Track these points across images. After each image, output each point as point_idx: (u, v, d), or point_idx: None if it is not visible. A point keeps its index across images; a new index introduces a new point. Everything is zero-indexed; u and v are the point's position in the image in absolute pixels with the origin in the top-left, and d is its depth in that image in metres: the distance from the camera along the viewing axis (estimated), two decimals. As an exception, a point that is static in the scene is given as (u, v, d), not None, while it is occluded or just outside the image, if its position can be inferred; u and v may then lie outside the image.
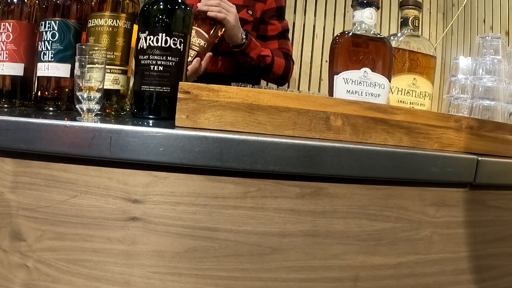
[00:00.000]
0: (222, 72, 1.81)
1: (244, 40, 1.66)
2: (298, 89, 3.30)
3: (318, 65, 3.44)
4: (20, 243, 0.84)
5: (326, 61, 3.38)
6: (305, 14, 3.44)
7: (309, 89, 3.34)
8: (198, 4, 1.52)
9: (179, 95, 0.86)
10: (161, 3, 1.00)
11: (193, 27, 1.38)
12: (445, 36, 3.34)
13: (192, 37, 1.37)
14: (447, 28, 3.18)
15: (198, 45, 1.40)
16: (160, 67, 0.98)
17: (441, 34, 3.39)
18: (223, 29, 1.54)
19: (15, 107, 1.09)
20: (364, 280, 0.91)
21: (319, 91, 3.33)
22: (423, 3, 3.10)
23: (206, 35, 1.42)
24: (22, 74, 1.09)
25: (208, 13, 1.48)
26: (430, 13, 3.48)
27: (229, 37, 1.62)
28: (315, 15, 3.42)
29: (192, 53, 1.39)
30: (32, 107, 1.11)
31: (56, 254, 0.84)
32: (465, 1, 2.92)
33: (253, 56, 1.70)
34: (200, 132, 0.80)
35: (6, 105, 1.09)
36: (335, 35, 1.07)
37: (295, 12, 3.41)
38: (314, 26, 3.45)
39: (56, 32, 1.04)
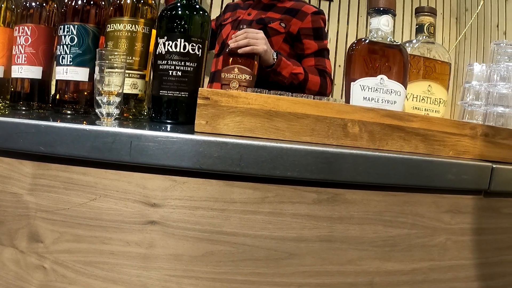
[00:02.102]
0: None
1: (274, 60, 1.69)
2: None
3: (331, 70, 3.43)
4: (37, 245, 0.85)
5: (340, 66, 3.38)
6: (318, 19, 3.43)
7: (322, 94, 3.34)
8: (229, 42, 1.57)
9: (199, 101, 0.87)
10: (179, 9, 1.01)
11: (235, 65, 1.46)
12: (458, 42, 3.33)
13: (236, 74, 1.45)
14: (460, 36, 3.17)
15: (245, 80, 1.46)
16: (178, 72, 0.99)
17: (454, 38, 3.38)
18: (259, 56, 1.60)
19: (32, 110, 1.10)
20: (379, 285, 0.91)
21: (332, 96, 3.32)
22: (436, 8, 3.10)
23: (248, 69, 1.48)
24: (40, 77, 1.10)
25: (239, 51, 1.52)
26: (443, 18, 3.47)
27: (262, 61, 1.66)
28: (328, 20, 3.41)
29: (242, 89, 1.46)
30: (50, 110, 1.12)
31: (73, 256, 0.84)
32: (479, 7, 2.92)
33: (285, 75, 1.74)
34: (219, 138, 0.81)
35: (24, 108, 1.10)
36: (351, 41, 1.07)
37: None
38: (327, 31, 3.45)
39: (75, 37, 1.05)
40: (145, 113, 1.11)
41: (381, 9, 1.07)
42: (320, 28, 1.97)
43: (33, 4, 1.10)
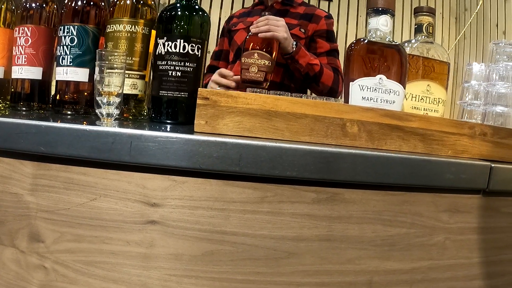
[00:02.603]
0: (272, 80, 1.85)
1: (293, 48, 1.72)
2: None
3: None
4: (38, 245, 0.86)
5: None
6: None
7: (322, 94, 3.33)
8: (251, 27, 1.60)
9: (199, 101, 0.87)
10: (179, 10, 1.02)
11: (255, 50, 1.49)
12: (457, 41, 3.33)
13: (256, 59, 1.47)
14: (460, 36, 3.16)
15: (264, 65, 1.48)
16: (178, 72, 1.00)
17: (454, 37, 3.38)
18: (279, 43, 1.62)
19: (33, 110, 1.11)
20: (378, 284, 0.91)
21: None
22: (436, 7, 3.10)
23: (268, 55, 1.49)
24: (40, 78, 1.11)
25: (260, 35, 1.55)
26: (443, 17, 3.47)
27: (281, 48, 1.69)
28: (327, 20, 3.41)
29: (261, 74, 1.48)
30: (50, 110, 1.13)
31: (74, 256, 0.85)
32: (478, 7, 2.92)
33: (302, 64, 1.76)
34: (219, 138, 0.81)
35: (24, 108, 1.10)
36: (350, 40, 1.08)
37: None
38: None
39: (75, 37, 1.05)
40: (145, 114, 1.11)
41: (380, 9, 1.07)
42: (332, 31, 2.03)
43: (33, 5, 1.10)
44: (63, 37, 1.06)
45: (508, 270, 1.04)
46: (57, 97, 1.08)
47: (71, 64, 1.05)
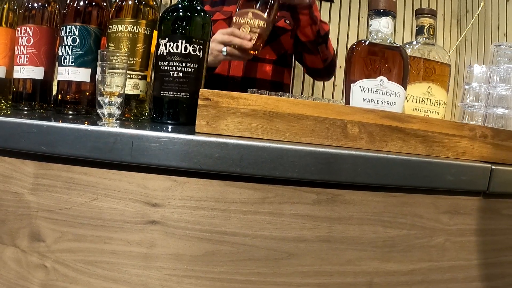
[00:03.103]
0: (260, 78, 1.82)
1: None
2: (312, 94, 3.29)
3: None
4: (39, 244, 0.86)
5: (340, 67, 3.38)
6: (319, 20, 3.43)
7: (322, 95, 3.34)
8: None
9: (200, 102, 0.88)
10: (181, 11, 1.02)
11: (250, 9, 1.35)
12: (458, 43, 3.33)
13: (249, 19, 1.33)
14: (461, 37, 3.17)
15: (258, 26, 1.33)
16: (179, 73, 1.00)
17: (455, 39, 3.38)
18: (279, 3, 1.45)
19: (34, 110, 1.11)
20: (378, 286, 0.91)
21: (332, 97, 3.32)
22: (437, 9, 3.09)
23: (264, 15, 1.34)
24: (42, 78, 1.11)
25: None
26: (444, 19, 3.46)
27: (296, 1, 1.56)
28: (329, 21, 3.41)
29: (253, 35, 1.34)
30: (51, 110, 1.13)
31: (74, 255, 0.85)
32: (479, 9, 2.92)
33: (317, 16, 1.63)
34: (220, 138, 0.81)
35: (26, 108, 1.11)
36: (351, 42, 1.08)
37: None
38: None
39: (77, 37, 1.05)
40: (146, 114, 1.11)
41: (381, 10, 1.07)
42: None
43: (35, 5, 1.10)
44: (65, 37, 1.06)
45: (508, 272, 1.04)
46: (59, 97, 1.08)
47: (73, 64, 1.06)
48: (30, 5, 1.10)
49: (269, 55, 1.72)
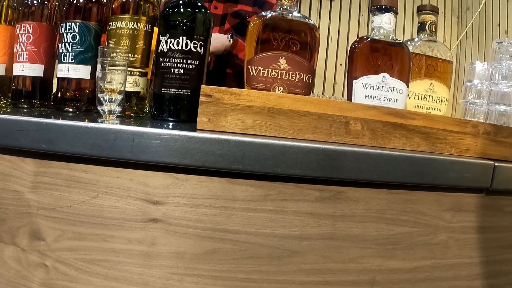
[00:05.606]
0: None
1: (230, 42, 1.65)
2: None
3: (333, 68, 3.43)
4: (39, 243, 0.85)
5: (341, 64, 3.38)
6: (319, 18, 3.44)
7: (323, 93, 3.34)
8: None
9: (201, 99, 0.87)
10: (181, 7, 1.01)
11: None
12: (459, 41, 3.32)
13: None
14: (462, 35, 3.16)
15: None
16: (180, 70, 0.99)
17: (456, 37, 3.38)
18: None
19: (34, 108, 1.10)
20: (380, 283, 0.91)
21: (333, 94, 3.32)
22: (438, 7, 3.09)
23: None
24: (42, 75, 1.10)
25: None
26: (444, 16, 3.47)
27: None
28: (329, 19, 3.42)
29: None
30: (51, 107, 1.12)
31: (75, 254, 0.85)
32: (480, 6, 2.92)
33: (242, 58, 1.67)
34: (222, 135, 0.81)
35: (25, 105, 1.10)
36: (352, 39, 1.07)
37: (309, 16, 3.41)
38: (328, 29, 3.45)
39: (77, 34, 1.05)
40: (147, 111, 1.11)
41: (383, 7, 1.07)
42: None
43: (35, 2, 1.09)
44: (64, 34, 1.06)
45: (511, 269, 1.03)
46: (59, 95, 1.08)
47: (73, 61, 1.05)
48: (29, 2, 1.09)
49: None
